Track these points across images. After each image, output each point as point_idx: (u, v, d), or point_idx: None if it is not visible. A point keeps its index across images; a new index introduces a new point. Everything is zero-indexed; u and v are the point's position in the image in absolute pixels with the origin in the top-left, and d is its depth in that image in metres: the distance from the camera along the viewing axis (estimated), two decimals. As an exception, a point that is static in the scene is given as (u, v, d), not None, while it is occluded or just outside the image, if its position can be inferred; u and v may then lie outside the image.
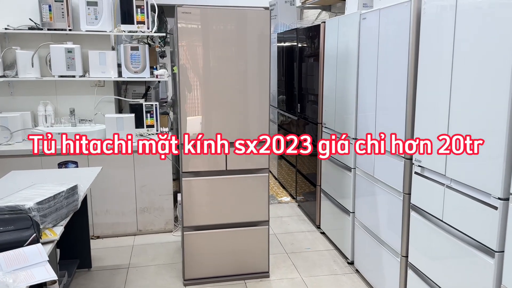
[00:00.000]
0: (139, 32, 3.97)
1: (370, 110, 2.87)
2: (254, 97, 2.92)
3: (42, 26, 3.80)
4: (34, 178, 2.76)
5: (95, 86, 4.13)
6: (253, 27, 2.85)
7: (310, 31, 4.04)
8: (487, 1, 1.80)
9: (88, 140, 3.70)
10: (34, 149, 3.55)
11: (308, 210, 4.30)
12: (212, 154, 2.94)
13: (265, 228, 3.11)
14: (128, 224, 3.89)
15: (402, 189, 2.51)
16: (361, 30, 2.96)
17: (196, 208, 2.99)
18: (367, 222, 3.00)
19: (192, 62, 2.82)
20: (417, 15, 2.32)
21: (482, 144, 1.87)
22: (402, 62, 2.44)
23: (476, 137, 1.89)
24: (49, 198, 2.01)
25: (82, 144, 3.65)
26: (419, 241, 2.38)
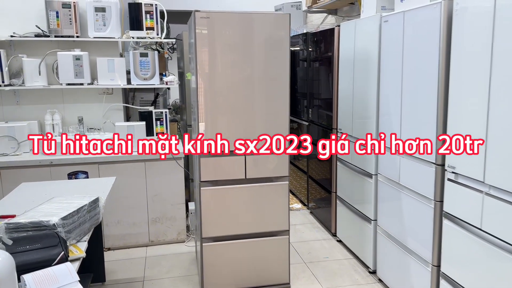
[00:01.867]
0: (147, 38, 3.89)
1: (394, 114, 2.80)
2: (275, 102, 2.84)
3: (49, 33, 3.70)
4: (46, 191, 2.66)
5: (103, 94, 4.03)
6: (273, 32, 2.77)
7: (323, 35, 3.98)
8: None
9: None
10: (34, 149, 3.50)
11: (322, 217, 4.21)
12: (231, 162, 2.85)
13: (285, 238, 3.02)
14: (139, 235, 3.78)
15: (433, 196, 2.43)
16: (383, 33, 2.89)
17: (215, 219, 2.89)
18: (391, 230, 2.91)
19: (211, 68, 2.73)
20: (447, 16, 2.25)
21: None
22: (432, 64, 2.37)
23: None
24: (73, 213, 1.91)
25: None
26: (453, 250, 2.30)
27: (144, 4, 3.80)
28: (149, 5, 3.81)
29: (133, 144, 3.70)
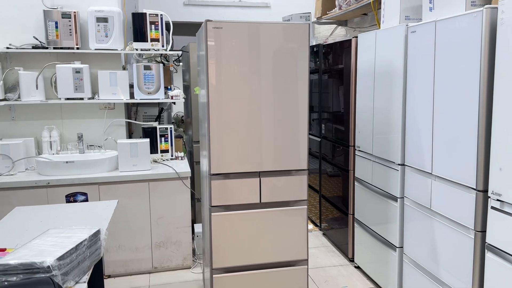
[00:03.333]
0: (151, 50, 3.66)
1: (424, 133, 2.56)
2: (293, 117, 2.60)
3: (48, 45, 3.48)
4: (42, 217, 2.41)
5: (104, 109, 3.79)
6: (291, 43, 2.54)
7: (337, 47, 3.75)
8: None
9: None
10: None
11: (337, 240, 3.95)
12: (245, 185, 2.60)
13: (303, 268, 2.76)
14: (142, 261, 3.51)
15: (474, 226, 2.18)
16: (409, 44, 2.67)
17: (227, 247, 2.63)
18: (421, 259, 2.65)
19: (224, 81, 2.50)
20: (490, 26, 2.03)
21: None
22: (471, 78, 2.14)
23: None
24: (71, 251, 1.66)
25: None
26: (498, 286, 2.04)
27: (149, 15, 3.58)
28: (154, 15, 3.60)
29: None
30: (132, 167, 3.45)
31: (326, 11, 4.86)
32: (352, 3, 4.15)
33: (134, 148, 3.46)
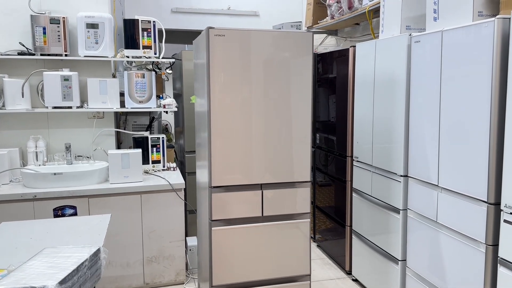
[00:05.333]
0: (143, 58, 3.55)
1: (429, 144, 2.52)
2: (296, 127, 2.53)
3: (34, 51, 3.33)
4: (31, 233, 2.26)
5: (93, 118, 3.65)
6: (295, 51, 2.48)
7: (334, 56, 3.72)
8: None
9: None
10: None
11: (333, 252, 3.88)
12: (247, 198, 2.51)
13: (306, 284, 2.67)
14: (133, 277, 3.36)
15: (485, 239, 2.14)
16: (413, 54, 2.63)
17: (228, 263, 2.53)
18: (425, 273, 2.60)
19: (225, 90, 2.41)
20: (502, 37, 2.00)
21: None
22: (481, 90, 2.11)
23: None
24: (72, 273, 1.53)
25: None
26: (512, 303, 2.00)
27: (141, 21, 3.47)
28: (147, 22, 3.49)
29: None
30: (124, 178, 3.31)
31: (317, 20, 4.82)
32: (345, 13, 4.12)
33: (126, 159, 3.32)
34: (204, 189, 2.64)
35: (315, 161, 4.18)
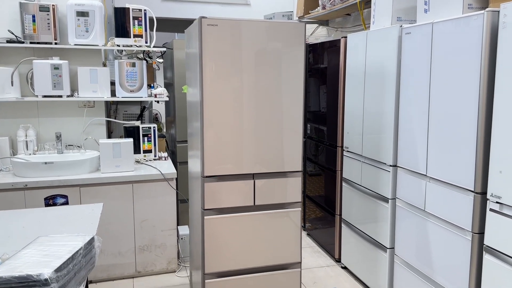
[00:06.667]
0: (134, 46, 3.53)
1: (418, 134, 2.56)
2: (287, 118, 2.55)
3: (24, 39, 3.29)
4: (23, 222, 2.27)
5: (83, 107, 3.63)
6: (287, 42, 2.49)
7: (325, 47, 3.73)
8: None
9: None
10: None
11: (322, 241, 3.93)
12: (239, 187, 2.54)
13: (296, 271, 2.72)
14: (125, 266, 3.38)
15: (471, 227, 2.19)
16: (404, 46, 2.66)
17: (220, 252, 2.56)
18: (413, 260, 2.66)
19: (218, 80, 2.42)
20: (491, 29, 2.04)
21: None
22: (470, 81, 2.15)
23: None
24: (67, 261, 1.55)
25: (74, 175, 3.14)
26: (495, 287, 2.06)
27: (132, 10, 3.45)
28: (138, 10, 3.47)
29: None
30: (115, 168, 3.32)
31: (309, 10, 4.83)
32: (337, 3, 4.13)
33: (117, 148, 3.32)
34: (197, 178, 2.66)
35: (306, 151, 4.22)
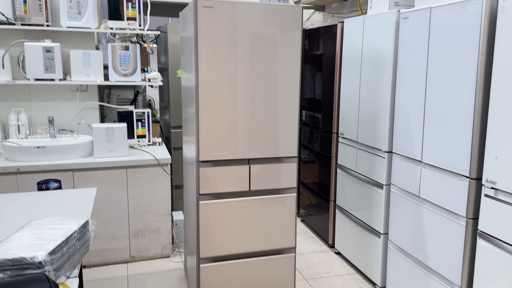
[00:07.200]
0: (127, 29, 3.47)
1: (414, 120, 2.56)
2: (283, 103, 2.53)
3: (15, 21, 3.22)
4: (15, 206, 2.24)
5: (76, 91, 3.58)
6: (284, 25, 2.46)
7: (321, 32, 3.70)
8: None
9: (73, 155, 3.17)
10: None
11: (316, 227, 3.95)
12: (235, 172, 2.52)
13: (291, 256, 2.72)
14: (119, 250, 3.38)
15: (466, 213, 2.21)
16: (401, 31, 2.64)
17: (215, 236, 2.55)
18: (407, 246, 2.68)
19: (213, 65, 2.38)
20: (490, 13, 2.02)
21: None
22: (467, 67, 2.14)
23: None
24: (62, 244, 1.53)
25: (67, 159, 3.11)
26: (490, 273, 2.08)
27: (126, -8, 3.38)
28: (131, -8, 3.40)
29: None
30: (108, 153, 3.29)
31: (305, -5, 4.78)
32: (333, -12, 4.09)
33: (111, 133, 3.29)
34: (192, 164, 2.65)
35: (300, 138, 4.21)
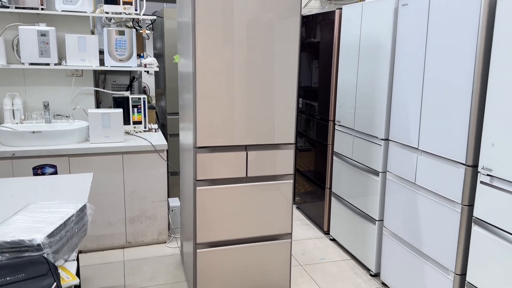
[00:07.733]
0: (123, 14, 3.44)
1: (412, 108, 2.56)
2: (281, 90, 2.52)
3: (9, 4, 3.17)
4: (11, 190, 2.23)
5: (71, 76, 3.55)
6: (282, 11, 2.44)
7: (319, 19, 3.68)
8: None
9: (68, 140, 3.15)
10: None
11: (311, 214, 3.97)
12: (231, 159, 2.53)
13: (287, 242, 2.74)
14: (115, 236, 3.38)
15: (461, 200, 2.23)
16: (400, 18, 2.63)
17: (212, 222, 2.56)
18: (402, 232, 2.71)
19: (211, 51, 2.37)
20: (489, 1, 2.02)
21: None
22: (466, 55, 2.14)
23: None
24: (60, 227, 1.53)
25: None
26: (483, 258, 2.11)
27: (122, -25, 3.34)
28: (127, -24, 3.36)
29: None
30: (104, 138, 3.27)
31: (302, -18, 4.74)
32: (331, -25, 4.06)
33: (106, 119, 3.27)
34: (189, 150, 2.64)
35: (296, 125, 4.21)
